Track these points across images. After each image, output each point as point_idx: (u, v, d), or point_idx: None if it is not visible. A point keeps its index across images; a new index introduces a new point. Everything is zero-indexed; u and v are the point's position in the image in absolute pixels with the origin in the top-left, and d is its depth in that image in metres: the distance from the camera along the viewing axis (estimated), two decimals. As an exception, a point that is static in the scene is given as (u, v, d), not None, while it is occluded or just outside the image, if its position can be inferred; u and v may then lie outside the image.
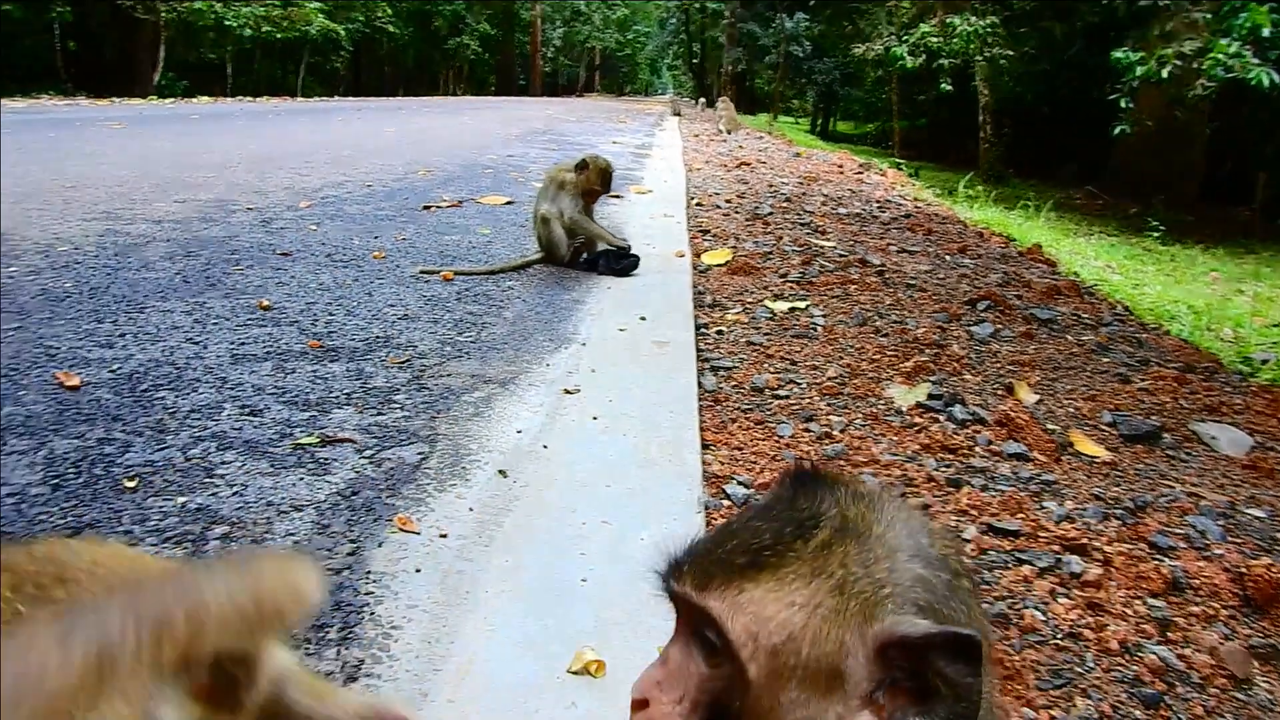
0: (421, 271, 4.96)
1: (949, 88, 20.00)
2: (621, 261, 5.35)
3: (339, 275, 4.74)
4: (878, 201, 9.98)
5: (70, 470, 2.34)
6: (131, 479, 2.30)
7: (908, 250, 6.83)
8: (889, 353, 4.24)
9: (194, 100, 20.48)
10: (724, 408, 3.56)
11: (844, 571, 0.79)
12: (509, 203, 7.92)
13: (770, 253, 6.71)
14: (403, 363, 3.40)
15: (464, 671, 1.65)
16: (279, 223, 6.08)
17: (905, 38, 20.00)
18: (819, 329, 4.62)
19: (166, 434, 2.61)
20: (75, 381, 2.90)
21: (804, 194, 10.02)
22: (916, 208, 9.99)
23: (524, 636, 1.78)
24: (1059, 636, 2.00)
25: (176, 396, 2.88)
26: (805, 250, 6.56)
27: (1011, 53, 18.32)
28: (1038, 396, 3.72)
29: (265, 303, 4.03)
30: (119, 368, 3.10)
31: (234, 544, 2.04)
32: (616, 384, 3.37)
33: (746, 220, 8.53)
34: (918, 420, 3.44)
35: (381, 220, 6.53)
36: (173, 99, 20.69)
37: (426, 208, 7.26)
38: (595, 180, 5.37)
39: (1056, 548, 2.35)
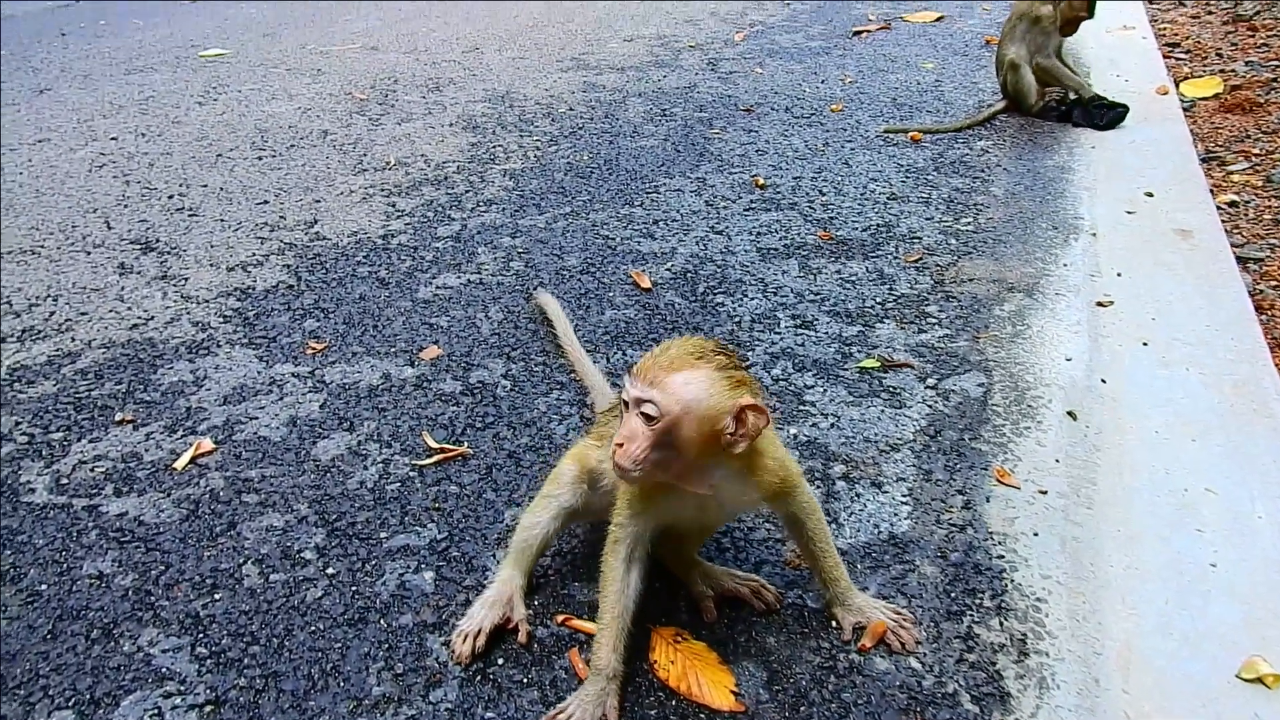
0: (887, 131, 4.87)
1: None
2: (1104, 116, 4.84)
3: (807, 138, 4.80)
4: None
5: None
6: (742, 402, 2.64)
7: None
8: None
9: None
10: (1266, 319, 3.25)
11: None
12: (939, 19, 7.37)
13: (1274, 79, 5.71)
14: (917, 261, 3.46)
15: (1126, 660, 1.80)
16: (725, 64, 6.20)
17: None
18: (1371, 205, 3.96)
19: (743, 347, 2.94)
20: (647, 283, 3.32)
21: (1302, -18, 8.19)
22: None
23: (1170, 625, 1.88)
24: None
25: (733, 302, 3.20)
26: (1327, 80, 5.47)
27: None
28: None
29: (760, 180, 4.23)
30: (670, 264, 3.48)
31: (855, 485, 2.32)
32: (1151, 294, 3.19)
33: (1225, 24, 7.25)
34: None
35: (818, 54, 6.41)
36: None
37: (857, 33, 6.98)
38: (1081, 6, 4.79)
39: None
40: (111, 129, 5.13)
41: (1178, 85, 5.71)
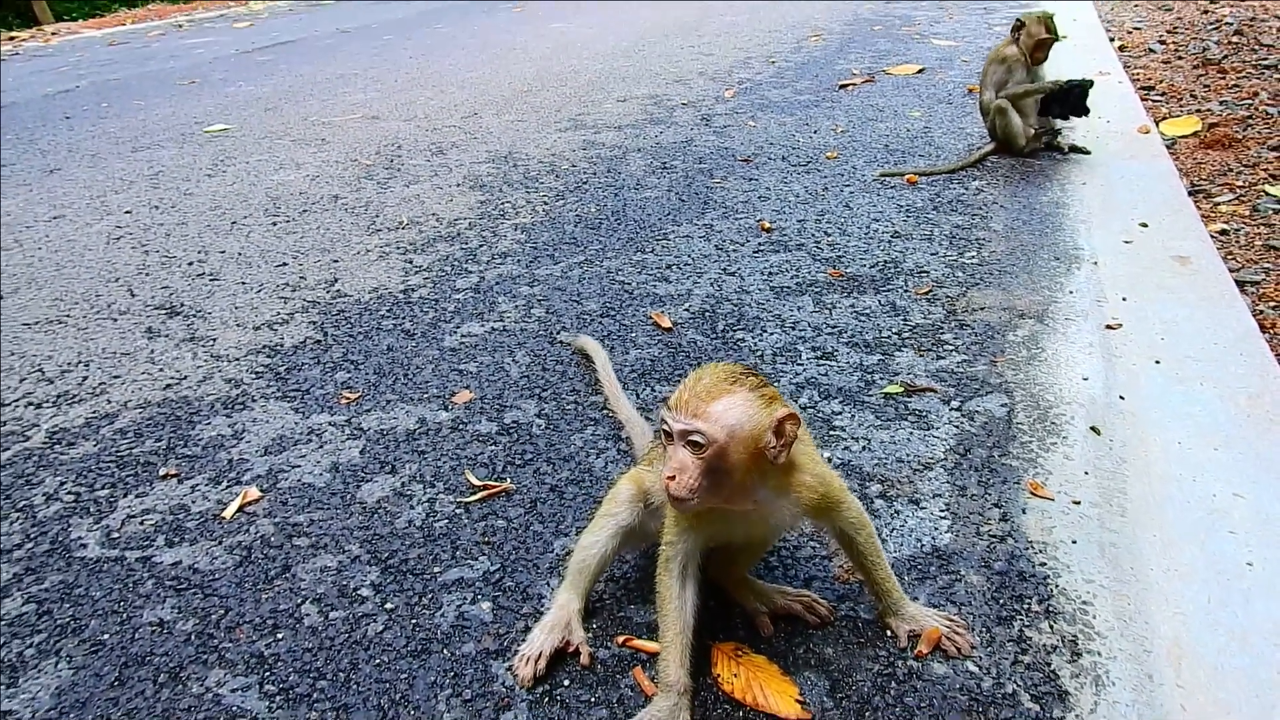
0: (882, 175, 5.03)
1: None
2: (1070, 106, 5.01)
3: (806, 184, 4.95)
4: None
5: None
6: (774, 431, 2.71)
7: None
8: None
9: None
10: (1270, 338, 3.35)
11: None
12: (920, 71, 7.64)
13: (1249, 117, 5.93)
14: (927, 294, 3.56)
15: (1176, 656, 1.85)
16: (719, 119, 6.39)
17: None
18: (1357, 228, 4.10)
19: (767, 378, 3.01)
20: (667, 323, 3.40)
21: (1253, 20, 8.56)
22: None
23: (1216, 622, 1.93)
24: None
25: (754, 338, 3.29)
26: (1299, 113, 5.69)
27: None
28: None
29: (766, 224, 4.36)
30: (688, 305, 3.58)
31: (893, 503, 2.38)
32: (1157, 316, 3.30)
33: (1195, 68, 7.53)
34: None
35: (808, 106, 6.62)
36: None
37: (843, 86, 7.22)
38: (1038, 30, 4.99)
39: None
40: (125, 203, 5.24)
41: (1158, 124, 5.93)
